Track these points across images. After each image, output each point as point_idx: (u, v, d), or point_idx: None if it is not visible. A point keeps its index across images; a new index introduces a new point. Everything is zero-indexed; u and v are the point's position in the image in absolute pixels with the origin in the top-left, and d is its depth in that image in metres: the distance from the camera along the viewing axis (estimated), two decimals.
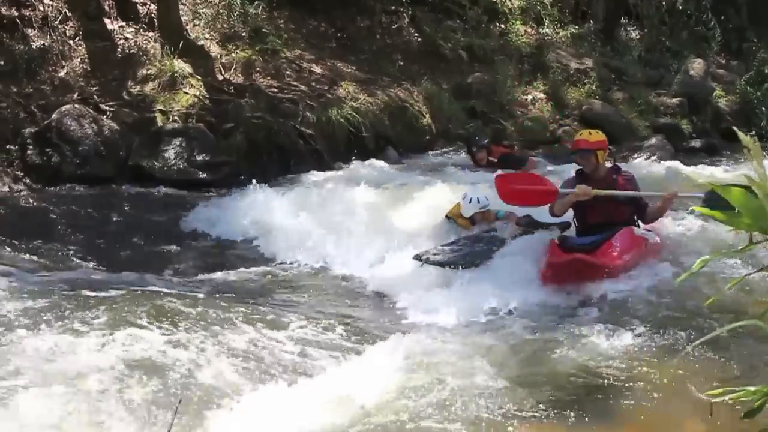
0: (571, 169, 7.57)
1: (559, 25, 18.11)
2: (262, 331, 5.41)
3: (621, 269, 6.57)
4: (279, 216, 8.90)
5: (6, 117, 10.21)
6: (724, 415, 3.83)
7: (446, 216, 7.88)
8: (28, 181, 9.78)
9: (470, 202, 7.56)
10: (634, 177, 7.18)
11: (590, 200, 6.94)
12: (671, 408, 4.56)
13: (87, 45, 11.57)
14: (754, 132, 13.66)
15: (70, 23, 11.73)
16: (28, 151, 9.91)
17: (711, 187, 2.03)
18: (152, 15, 12.34)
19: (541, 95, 15.47)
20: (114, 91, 11.13)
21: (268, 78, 12.40)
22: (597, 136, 7.25)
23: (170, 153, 10.25)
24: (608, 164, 7.35)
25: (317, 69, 13.09)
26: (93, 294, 5.91)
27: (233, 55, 12.47)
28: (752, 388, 2.06)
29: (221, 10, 12.99)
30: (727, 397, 2.10)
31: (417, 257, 7.05)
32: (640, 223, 7.16)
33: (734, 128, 2.29)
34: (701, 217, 7.57)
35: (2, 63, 10.77)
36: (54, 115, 10.09)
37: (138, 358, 4.70)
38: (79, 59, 11.40)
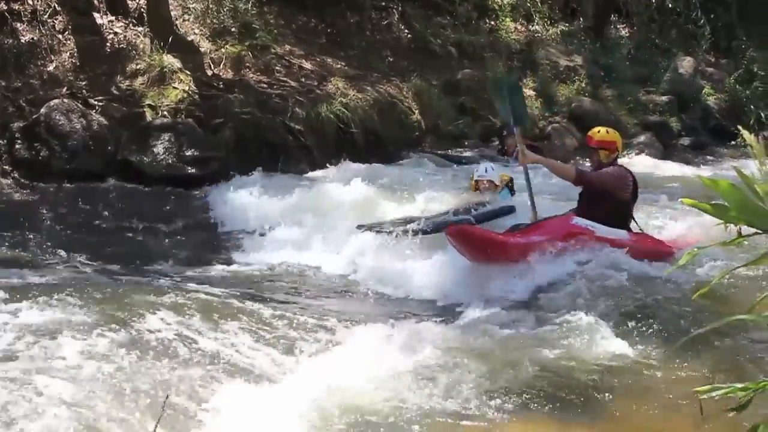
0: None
1: (548, 23, 18.10)
2: (251, 326, 5.42)
3: (524, 249, 6.50)
4: (268, 211, 8.91)
5: None
6: (712, 411, 3.83)
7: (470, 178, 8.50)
8: (16, 175, 9.74)
9: (475, 170, 8.46)
10: (615, 177, 6.94)
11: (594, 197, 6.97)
12: (659, 404, 4.57)
13: (76, 39, 11.51)
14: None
15: (60, 17, 11.67)
16: (17, 146, 9.86)
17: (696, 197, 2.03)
18: (142, 10, 12.28)
19: (531, 92, 15.48)
20: (103, 86, 11.08)
21: (258, 73, 12.36)
22: (603, 135, 7.09)
23: (159, 148, 10.19)
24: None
25: (307, 65, 13.06)
26: (80, 289, 5.89)
27: (223, 50, 12.42)
28: (740, 385, 2.06)
29: (211, 5, 12.94)
30: (714, 393, 2.10)
31: (359, 226, 7.59)
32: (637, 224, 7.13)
33: (739, 127, 2.31)
34: (691, 210, 7.59)
35: None
36: (42, 110, 10.03)
37: (125, 353, 4.68)
38: (68, 54, 11.35)
